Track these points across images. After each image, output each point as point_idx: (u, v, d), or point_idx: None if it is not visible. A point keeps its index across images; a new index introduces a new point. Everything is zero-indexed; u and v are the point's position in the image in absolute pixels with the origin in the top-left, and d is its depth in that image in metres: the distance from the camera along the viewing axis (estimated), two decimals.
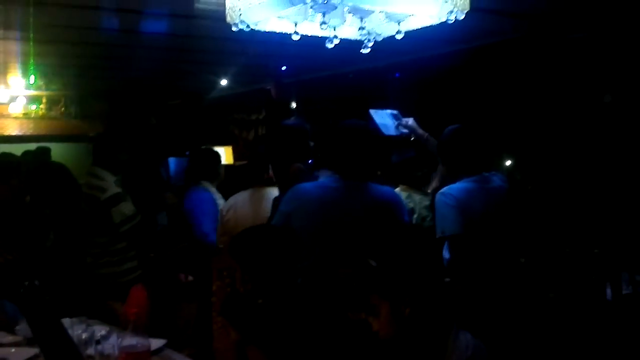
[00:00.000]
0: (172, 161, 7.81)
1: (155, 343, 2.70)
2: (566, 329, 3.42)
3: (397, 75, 7.65)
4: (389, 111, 3.91)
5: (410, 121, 3.81)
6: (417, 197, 4.27)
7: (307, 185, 3.05)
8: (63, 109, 9.68)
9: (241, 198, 4.04)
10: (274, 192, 3.93)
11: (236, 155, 9.29)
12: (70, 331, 2.65)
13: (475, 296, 2.94)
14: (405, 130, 3.84)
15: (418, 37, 3.60)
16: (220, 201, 4.53)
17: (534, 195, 3.38)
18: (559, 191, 4.98)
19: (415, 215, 4.16)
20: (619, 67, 5.23)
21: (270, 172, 3.96)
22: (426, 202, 4.23)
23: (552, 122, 5.61)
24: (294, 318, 2.40)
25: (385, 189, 3.15)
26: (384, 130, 3.79)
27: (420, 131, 3.82)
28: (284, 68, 7.88)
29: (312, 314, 2.43)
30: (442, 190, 3.28)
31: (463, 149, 3.34)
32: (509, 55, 5.94)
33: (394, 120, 3.87)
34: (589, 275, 3.81)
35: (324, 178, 3.13)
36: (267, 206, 3.77)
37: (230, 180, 5.89)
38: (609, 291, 3.75)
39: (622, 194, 4.77)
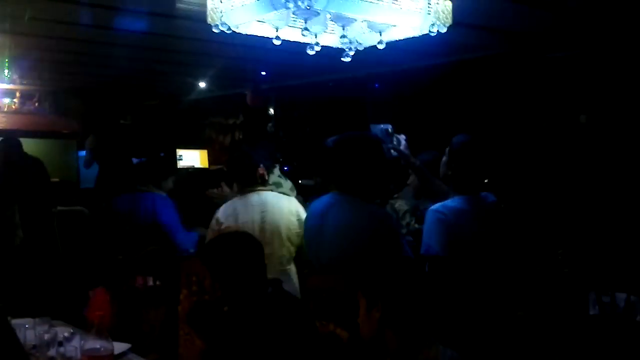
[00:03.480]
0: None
1: (119, 347, 2.64)
2: (538, 348, 3.43)
3: (376, 85, 7.67)
4: (383, 126, 3.72)
5: (403, 141, 3.61)
6: (395, 203, 4.27)
7: None
8: (37, 104, 9.53)
9: (240, 204, 3.84)
10: (270, 195, 3.84)
11: (211, 159, 9.23)
12: (31, 331, 2.59)
13: (454, 314, 2.92)
14: (394, 153, 3.57)
15: (399, 49, 3.60)
16: None
17: (506, 214, 3.36)
18: (531, 210, 5.02)
19: (403, 222, 4.16)
20: (596, 88, 5.29)
21: (261, 169, 3.86)
22: (405, 207, 4.23)
23: (527, 140, 5.66)
24: (262, 327, 2.37)
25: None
26: None
27: (412, 159, 3.61)
28: (263, 73, 7.85)
29: (281, 324, 2.40)
30: (435, 207, 3.17)
31: (475, 162, 3.24)
32: (488, 71, 5.98)
33: (387, 138, 3.68)
34: (558, 294, 3.83)
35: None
36: (271, 211, 3.74)
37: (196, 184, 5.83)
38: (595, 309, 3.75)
39: (593, 213, 4.82)
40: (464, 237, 3.07)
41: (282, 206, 3.80)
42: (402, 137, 3.59)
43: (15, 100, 9.19)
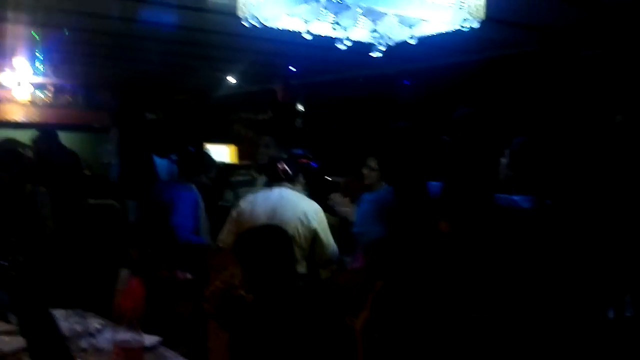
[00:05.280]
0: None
1: (150, 340, 2.66)
2: (570, 349, 3.37)
3: (406, 82, 7.61)
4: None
5: None
6: None
7: None
8: (70, 97, 9.66)
9: (260, 198, 4.00)
10: (288, 193, 3.93)
11: (240, 154, 9.25)
12: (64, 323, 2.62)
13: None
14: None
15: (430, 45, 3.57)
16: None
17: (551, 211, 3.31)
18: (567, 210, 4.93)
19: None
20: (632, 87, 5.18)
21: (283, 164, 3.93)
22: None
23: (561, 139, 5.56)
24: (292, 321, 2.37)
25: None
26: None
27: None
28: (292, 69, 7.84)
29: (310, 317, 2.40)
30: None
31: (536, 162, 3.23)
32: (521, 68, 5.89)
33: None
34: (592, 296, 3.76)
35: None
36: (283, 208, 3.83)
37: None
38: (611, 313, 3.70)
39: (629, 215, 4.71)
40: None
41: (296, 205, 3.87)
42: None
43: (48, 93, 9.33)
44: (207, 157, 5.05)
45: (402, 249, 2.80)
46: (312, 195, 4.30)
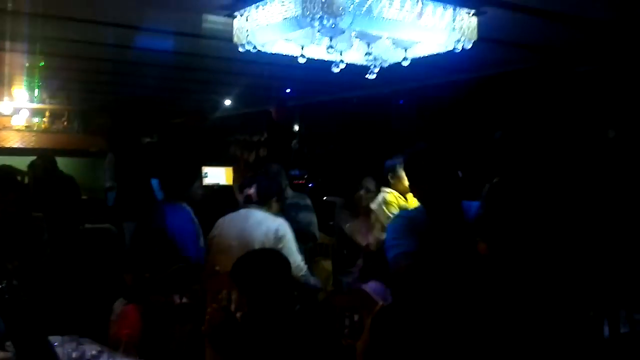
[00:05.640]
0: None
1: None
2: None
3: (401, 102, 7.65)
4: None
5: None
6: None
7: None
8: (66, 123, 9.68)
9: (228, 219, 4.17)
10: (255, 213, 4.02)
11: (236, 176, 9.27)
12: (60, 349, 2.60)
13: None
14: None
15: (424, 65, 3.60)
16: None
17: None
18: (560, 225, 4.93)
19: None
20: (624, 102, 5.21)
21: (251, 190, 4.04)
22: None
23: (554, 155, 5.58)
24: (290, 344, 2.36)
25: None
26: None
27: None
28: (288, 90, 7.88)
29: (307, 340, 2.39)
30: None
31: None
32: (514, 86, 5.93)
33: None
34: (586, 312, 3.74)
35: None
36: (250, 227, 3.94)
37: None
38: (606, 329, 3.68)
39: (622, 230, 4.72)
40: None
41: (260, 224, 3.98)
42: None
43: (44, 119, 9.35)
44: (190, 172, 5.03)
45: (434, 264, 2.79)
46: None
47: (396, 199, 4.40)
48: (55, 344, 2.64)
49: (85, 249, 5.93)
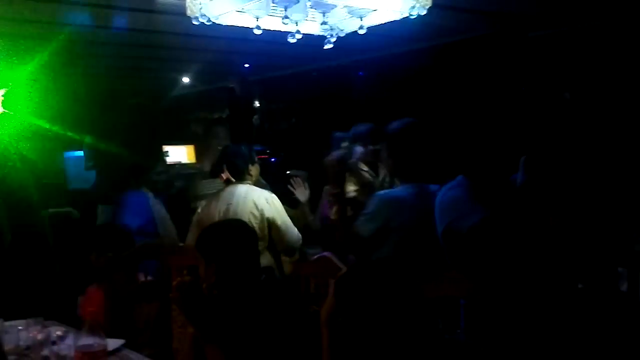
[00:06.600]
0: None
1: (113, 343, 2.64)
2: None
3: (360, 73, 7.66)
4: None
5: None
6: None
7: None
8: None
9: (215, 197, 4.15)
10: (241, 188, 4.02)
11: (198, 154, 9.18)
12: (25, 333, 2.59)
13: None
14: None
15: (381, 34, 3.61)
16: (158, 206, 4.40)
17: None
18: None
19: None
20: (579, 65, 5.30)
21: (225, 174, 4.04)
22: None
23: (513, 120, 5.66)
24: (256, 313, 2.38)
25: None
26: None
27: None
28: (247, 65, 7.82)
29: (274, 310, 2.41)
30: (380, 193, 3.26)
31: (413, 148, 3.26)
32: (471, 53, 5.98)
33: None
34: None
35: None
36: (236, 203, 3.94)
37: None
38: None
39: (585, 191, 4.80)
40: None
41: (245, 198, 3.99)
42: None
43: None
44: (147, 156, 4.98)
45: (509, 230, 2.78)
46: (274, 189, 4.34)
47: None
48: (20, 327, 2.63)
49: (47, 234, 5.85)
